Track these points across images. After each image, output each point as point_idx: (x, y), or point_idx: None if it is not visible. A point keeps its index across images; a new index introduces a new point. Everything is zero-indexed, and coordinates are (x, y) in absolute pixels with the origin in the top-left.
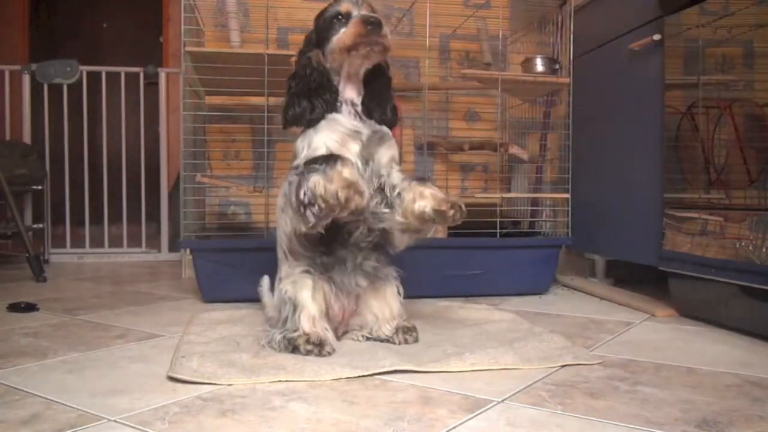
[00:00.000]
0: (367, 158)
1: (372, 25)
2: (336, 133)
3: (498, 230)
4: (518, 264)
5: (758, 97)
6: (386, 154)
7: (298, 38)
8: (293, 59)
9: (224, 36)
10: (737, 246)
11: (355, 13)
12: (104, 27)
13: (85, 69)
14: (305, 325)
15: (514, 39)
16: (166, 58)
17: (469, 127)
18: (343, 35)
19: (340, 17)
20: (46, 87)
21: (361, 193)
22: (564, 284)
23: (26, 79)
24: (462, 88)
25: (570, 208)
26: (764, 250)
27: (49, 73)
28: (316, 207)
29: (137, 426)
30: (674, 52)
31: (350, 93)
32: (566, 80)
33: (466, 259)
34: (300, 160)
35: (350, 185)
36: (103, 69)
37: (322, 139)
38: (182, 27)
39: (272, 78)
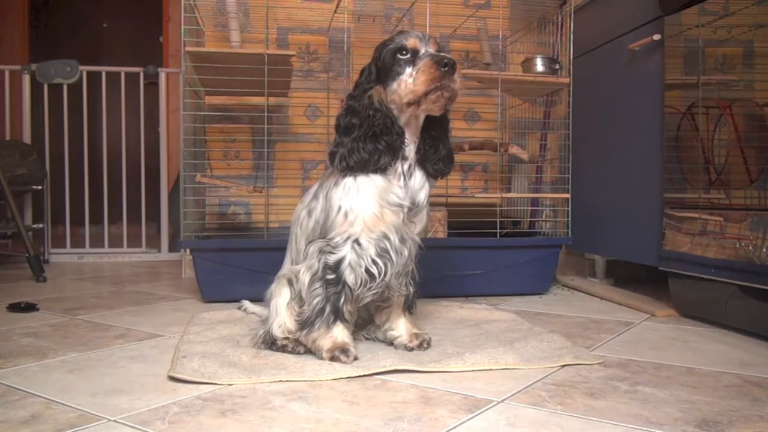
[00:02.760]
0: (402, 234)
1: (446, 67)
2: (377, 205)
3: (498, 230)
4: (518, 264)
5: (758, 97)
6: (417, 227)
7: (298, 38)
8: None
9: (224, 36)
10: (737, 246)
11: (422, 50)
12: (104, 27)
13: (85, 69)
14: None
15: (514, 39)
16: (166, 58)
17: (469, 127)
18: (414, 82)
19: (405, 53)
20: (46, 87)
21: (347, 353)
22: (564, 284)
23: (26, 79)
24: (462, 88)
25: (570, 208)
26: (764, 250)
27: (49, 73)
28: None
29: (137, 426)
30: (674, 52)
31: (407, 143)
32: (566, 80)
33: (466, 259)
34: (336, 222)
35: (338, 347)
36: (103, 69)
37: (361, 205)
38: (182, 27)
39: (272, 78)
